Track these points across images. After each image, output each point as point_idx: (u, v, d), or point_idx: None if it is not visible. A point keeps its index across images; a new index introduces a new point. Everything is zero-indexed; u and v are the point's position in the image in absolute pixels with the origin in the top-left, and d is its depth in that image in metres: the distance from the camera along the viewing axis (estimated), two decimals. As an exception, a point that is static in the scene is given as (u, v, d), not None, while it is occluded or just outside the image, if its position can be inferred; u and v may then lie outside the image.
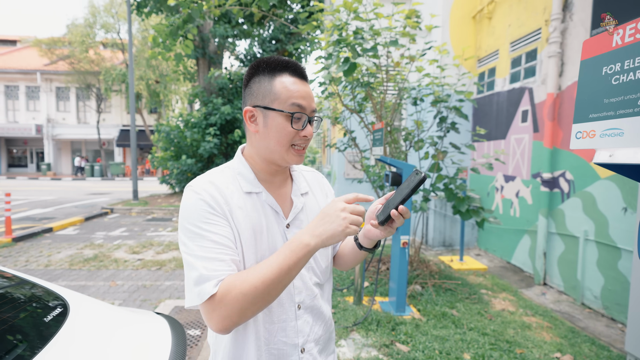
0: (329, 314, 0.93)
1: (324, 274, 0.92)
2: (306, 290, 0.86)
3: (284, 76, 0.80)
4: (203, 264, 0.69)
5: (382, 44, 3.31)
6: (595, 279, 3.43)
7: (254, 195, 0.83)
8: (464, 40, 5.66)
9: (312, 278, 0.88)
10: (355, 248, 0.91)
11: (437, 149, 3.82)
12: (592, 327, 3.09)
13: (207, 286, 0.67)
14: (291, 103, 0.78)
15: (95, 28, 18.84)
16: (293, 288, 0.84)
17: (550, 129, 3.98)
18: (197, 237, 0.72)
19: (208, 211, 0.74)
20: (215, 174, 0.83)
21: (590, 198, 3.50)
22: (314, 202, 0.94)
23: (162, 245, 5.57)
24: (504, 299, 3.57)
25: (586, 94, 0.84)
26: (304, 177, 0.97)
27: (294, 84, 0.79)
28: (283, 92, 0.79)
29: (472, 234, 5.74)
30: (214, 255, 0.71)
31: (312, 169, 1.04)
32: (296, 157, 0.82)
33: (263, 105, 0.80)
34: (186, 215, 0.75)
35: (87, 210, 8.74)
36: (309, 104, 0.81)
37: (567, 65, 3.87)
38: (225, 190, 0.79)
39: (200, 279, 0.68)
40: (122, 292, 3.67)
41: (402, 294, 3.10)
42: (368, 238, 0.85)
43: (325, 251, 0.93)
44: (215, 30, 10.18)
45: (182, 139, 10.63)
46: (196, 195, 0.76)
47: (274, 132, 0.79)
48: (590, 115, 0.83)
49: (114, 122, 22.13)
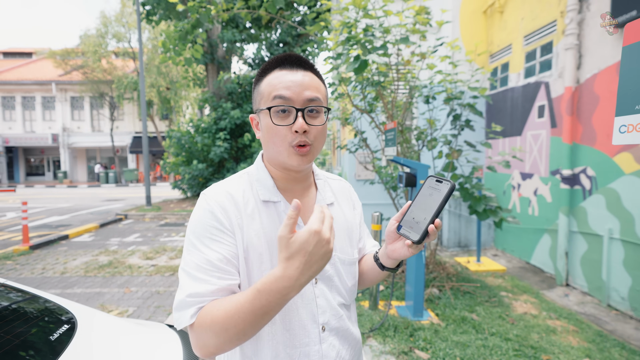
0: (358, 336, 0.85)
1: (350, 294, 0.83)
2: (331, 310, 0.77)
3: (274, 72, 0.74)
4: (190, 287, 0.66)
5: (392, 42, 3.23)
6: (621, 279, 3.27)
7: (271, 205, 0.77)
8: (475, 35, 5.53)
9: (336, 298, 0.79)
10: (376, 267, 0.83)
11: (452, 148, 3.71)
12: (621, 330, 2.93)
13: (185, 314, 0.64)
14: (272, 97, 0.71)
15: (107, 38, 19.19)
16: (316, 307, 0.75)
17: (570, 124, 3.83)
18: (196, 252, 0.69)
19: (214, 226, 0.70)
20: (232, 182, 0.78)
21: (614, 195, 3.34)
22: (339, 214, 0.86)
23: (175, 251, 5.58)
24: (526, 302, 3.43)
25: (631, 83, 0.75)
26: (330, 186, 0.89)
27: (279, 77, 0.72)
28: (266, 89, 0.73)
29: (488, 234, 5.58)
30: (206, 277, 0.66)
31: (340, 178, 0.96)
32: (297, 157, 0.71)
33: (256, 109, 0.76)
34: (193, 225, 0.72)
35: (102, 217, 8.85)
36: (298, 93, 0.71)
37: (585, 58, 3.72)
38: (240, 199, 0.74)
39: (181, 304, 0.65)
40: (136, 298, 3.67)
41: (420, 298, 3.00)
42: (393, 258, 0.76)
43: (351, 268, 0.84)
44: (223, 35, 10.24)
45: (193, 144, 10.72)
46: (206, 206, 0.72)
47: (266, 133, 0.74)
48: (637, 107, 0.74)
49: (126, 130, 22.48)
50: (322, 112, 0.75)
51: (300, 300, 0.74)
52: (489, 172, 5.53)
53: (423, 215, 0.67)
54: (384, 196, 5.50)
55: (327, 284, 0.78)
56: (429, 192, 0.68)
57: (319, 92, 0.74)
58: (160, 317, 3.26)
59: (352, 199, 0.93)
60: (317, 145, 0.74)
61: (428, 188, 0.68)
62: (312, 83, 0.74)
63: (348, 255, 0.84)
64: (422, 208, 0.68)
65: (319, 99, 0.73)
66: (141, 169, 22.89)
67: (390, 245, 0.76)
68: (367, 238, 0.96)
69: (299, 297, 0.74)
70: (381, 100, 3.79)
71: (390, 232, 0.75)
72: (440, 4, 5.15)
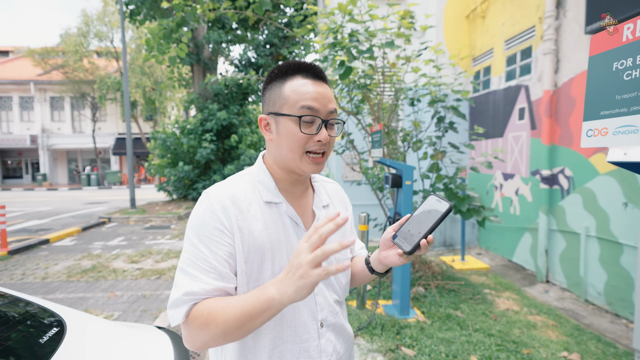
0: (351, 331, 0.90)
1: (344, 291, 0.88)
2: (328, 307, 0.82)
3: (295, 79, 0.76)
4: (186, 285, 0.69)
5: (377, 46, 3.29)
6: (598, 275, 3.41)
7: (273, 206, 0.79)
8: (458, 39, 5.67)
9: (332, 295, 0.84)
10: (366, 270, 0.87)
11: (436, 149, 3.80)
12: (597, 324, 3.06)
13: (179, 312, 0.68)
14: (300, 106, 0.74)
15: (89, 37, 18.76)
16: (315, 305, 0.79)
17: (548, 126, 3.98)
18: (195, 251, 0.71)
19: (215, 226, 0.72)
20: (235, 183, 0.80)
21: (590, 194, 3.49)
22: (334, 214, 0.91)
23: (161, 254, 5.50)
24: (508, 298, 3.54)
25: (596, 91, 0.81)
26: (325, 188, 0.93)
27: (305, 85, 0.75)
28: (292, 96, 0.75)
29: (472, 233, 5.72)
30: (202, 276, 0.69)
31: (332, 180, 0.99)
32: (311, 165, 0.76)
33: (274, 112, 0.77)
34: (194, 223, 0.74)
35: (84, 220, 8.64)
36: (324, 105, 0.75)
37: (562, 62, 3.87)
38: (243, 200, 0.76)
39: (176, 302, 0.68)
40: (121, 302, 3.61)
41: (406, 297, 3.06)
42: (383, 264, 0.81)
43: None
44: (209, 36, 10.16)
45: (179, 146, 10.59)
46: (209, 205, 0.74)
47: (285, 138, 0.76)
48: (602, 113, 0.80)
49: (109, 131, 21.97)
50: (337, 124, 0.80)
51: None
52: (473, 173, 5.67)
53: (418, 229, 0.72)
54: (371, 197, 5.57)
55: (324, 281, 0.82)
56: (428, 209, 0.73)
57: (336, 105, 0.79)
58: (147, 320, 3.22)
59: (345, 201, 0.97)
60: (328, 154, 0.79)
61: (428, 205, 0.74)
62: (332, 97, 0.79)
63: (343, 255, 0.89)
64: (419, 222, 0.73)
65: (336, 112, 0.78)
66: (125, 171, 22.43)
67: (383, 252, 0.80)
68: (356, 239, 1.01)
69: None
70: (367, 103, 3.85)
71: (386, 240, 0.79)
72: (424, 9, 5.25)
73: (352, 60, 3.00)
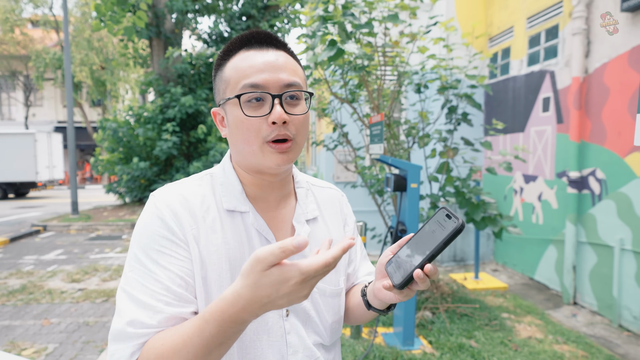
0: None
1: (331, 334, 0.80)
2: (304, 350, 0.75)
3: (238, 54, 0.72)
4: (131, 313, 0.62)
5: (378, 20, 3.27)
6: (634, 296, 3.47)
7: (237, 216, 0.74)
8: (473, 15, 5.72)
9: (312, 336, 0.77)
10: (363, 305, 0.80)
11: (447, 146, 3.80)
12: (634, 354, 3.11)
13: (124, 349, 0.61)
14: (242, 84, 0.69)
15: (22, 2, 18.31)
16: (286, 346, 0.73)
17: (577, 120, 4.03)
18: (141, 269, 0.66)
19: (164, 236, 0.67)
20: (190, 184, 0.76)
21: (626, 200, 3.54)
22: (323, 231, 0.83)
23: (109, 271, 5.40)
24: (530, 324, 3.57)
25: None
26: (315, 195, 0.87)
27: (246, 59, 0.71)
28: (233, 75, 0.71)
29: (487, 246, 5.77)
30: (152, 301, 0.63)
31: (329, 185, 0.93)
32: (275, 155, 0.69)
33: (220, 101, 0.74)
34: (138, 235, 0.69)
35: (13, 229, 8.47)
36: (274, 77, 0.69)
37: (594, 44, 3.93)
38: (198, 205, 0.72)
39: (120, 335, 0.62)
40: (58, 332, 3.52)
41: (410, 323, 3.05)
42: (379, 299, 0.73)
43: (333, 301, 0.80)
44: (172, 5, 9.98)
45: (133, 138, 10.47)
46: (155, 211, 0.70)
47: (235, 129, 0.72)
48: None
49: (46, 118, 21.58)
50: (303, 98, 0.73)
51: (267, 337, 0.72)
52: (488, 175, 5.72)
53: (415, 255, 0.65)
54: (368, 202, 5.55)
55: (302, 318, 0.76)
56: (434, 227, 0.65)
57: (297, 75, 0.73)
58: (90, 355, 3.14)
59: (344, 213, 0.92)
60: (300, 140, 0.73)
61: (435, 222, 0.66)
62: (288, 64, 0.72)
63: (331, 284, 0.81)
64: (420, 244, 0.65)
65: (298, 83, 0.72)
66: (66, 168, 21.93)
67: (377, 282, 0.73)
68: (360, 262, 0.94)
69: (264, 332, 0.72)
70: (365, 88, 3.82)
71: (380, 266, 0.72)
72: (433, -23, 5.27)
73: (346, 38, 2.96)
